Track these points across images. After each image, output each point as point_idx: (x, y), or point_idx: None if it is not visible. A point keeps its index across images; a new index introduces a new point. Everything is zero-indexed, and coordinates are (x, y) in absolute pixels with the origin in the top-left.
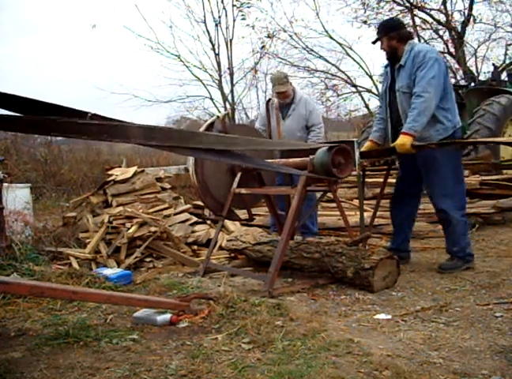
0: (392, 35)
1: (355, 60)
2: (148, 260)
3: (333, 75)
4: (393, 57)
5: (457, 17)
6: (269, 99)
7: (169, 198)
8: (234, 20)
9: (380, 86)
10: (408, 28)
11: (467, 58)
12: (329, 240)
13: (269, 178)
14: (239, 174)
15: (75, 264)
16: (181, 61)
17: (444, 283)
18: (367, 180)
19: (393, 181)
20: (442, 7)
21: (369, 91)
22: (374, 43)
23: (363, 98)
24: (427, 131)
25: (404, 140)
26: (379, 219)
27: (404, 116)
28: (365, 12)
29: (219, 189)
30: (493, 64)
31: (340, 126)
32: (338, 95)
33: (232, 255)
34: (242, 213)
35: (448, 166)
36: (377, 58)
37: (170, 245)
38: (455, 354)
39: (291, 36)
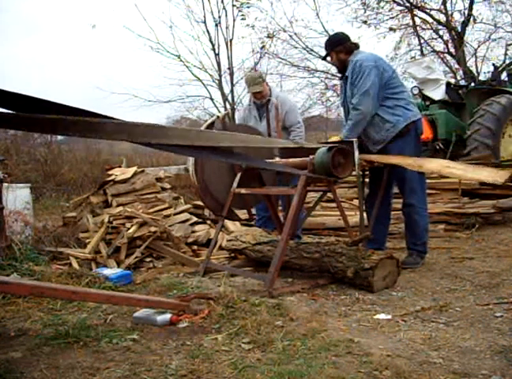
0: (338, 49)
1: None
2: (148, 260)
3: (333, 75)
4: (344, 69)
5: (457, 17)
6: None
7: (169, 198)
8: (234, 20)
9: None
10: (408, 28)
11: (467, 58)
12: (329, 240)
13: (270, 178)
14: (239, 174)
15: (75, 264)
16: (181, 61)
17: (444, 283)
18: (366, 180)
19: None
20: (442, 7)
21: None
22: (323, 58)
23: None
24: (379, 133)
25: None
26: None
27: None
28: (365, 12)
29: (219, 189)
30: (493, 64)
31: (341, 126)
32: (338, 95)
33: (232, 255)
34: (242, 213)
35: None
36: None
37: (170, 245)
38: (455, 354)
39: (291, 36)
